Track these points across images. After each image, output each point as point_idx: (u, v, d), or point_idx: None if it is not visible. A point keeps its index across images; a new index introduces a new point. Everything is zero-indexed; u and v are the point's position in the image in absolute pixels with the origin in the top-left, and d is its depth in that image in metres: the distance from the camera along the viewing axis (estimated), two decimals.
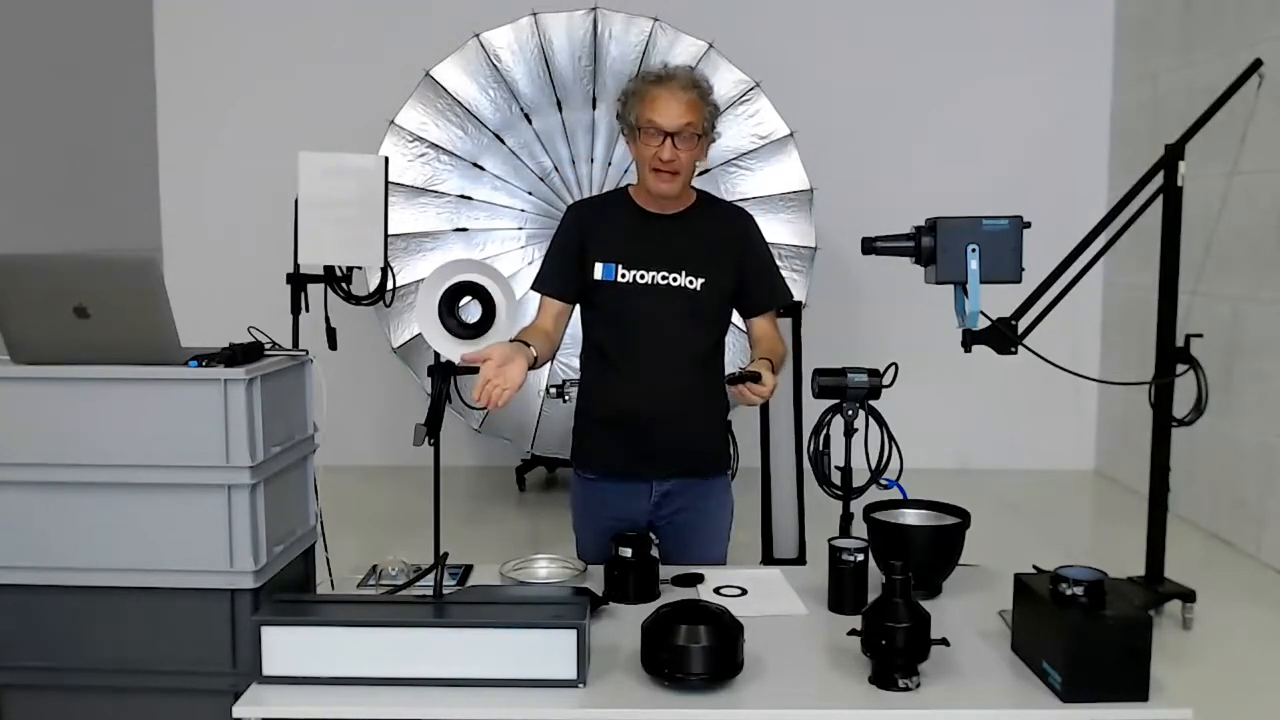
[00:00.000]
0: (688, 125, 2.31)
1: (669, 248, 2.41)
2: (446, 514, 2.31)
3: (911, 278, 2.76)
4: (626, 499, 2.50)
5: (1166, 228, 3.86)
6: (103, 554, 2.15)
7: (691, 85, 2.33)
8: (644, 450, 2.46)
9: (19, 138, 5.27)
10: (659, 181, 2.35)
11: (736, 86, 5.16)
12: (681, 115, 2.30)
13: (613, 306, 2.43)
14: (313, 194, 3.09)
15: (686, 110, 2.31)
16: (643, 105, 2.33)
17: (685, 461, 2.50)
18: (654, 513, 2.51)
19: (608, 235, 2.43)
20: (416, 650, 1.79)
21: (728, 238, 2.47)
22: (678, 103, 2.30)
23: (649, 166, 2.35)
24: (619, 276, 2.40)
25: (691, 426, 2.50)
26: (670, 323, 2.41)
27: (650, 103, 2.31)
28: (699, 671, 1.75)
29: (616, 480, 2.51)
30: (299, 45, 6.36)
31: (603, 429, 2.51)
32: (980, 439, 6.46)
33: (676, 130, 2.30)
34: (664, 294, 2.40)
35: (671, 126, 2.30)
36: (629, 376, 2.45)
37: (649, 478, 2.49)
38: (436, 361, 2.30)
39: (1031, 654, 1.86)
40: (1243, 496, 4.87)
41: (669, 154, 2.31)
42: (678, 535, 2.52)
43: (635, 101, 2.35)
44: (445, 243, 5.17)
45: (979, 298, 2.51)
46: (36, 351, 2.16)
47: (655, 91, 2.32)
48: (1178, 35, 5.58)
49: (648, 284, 2.40)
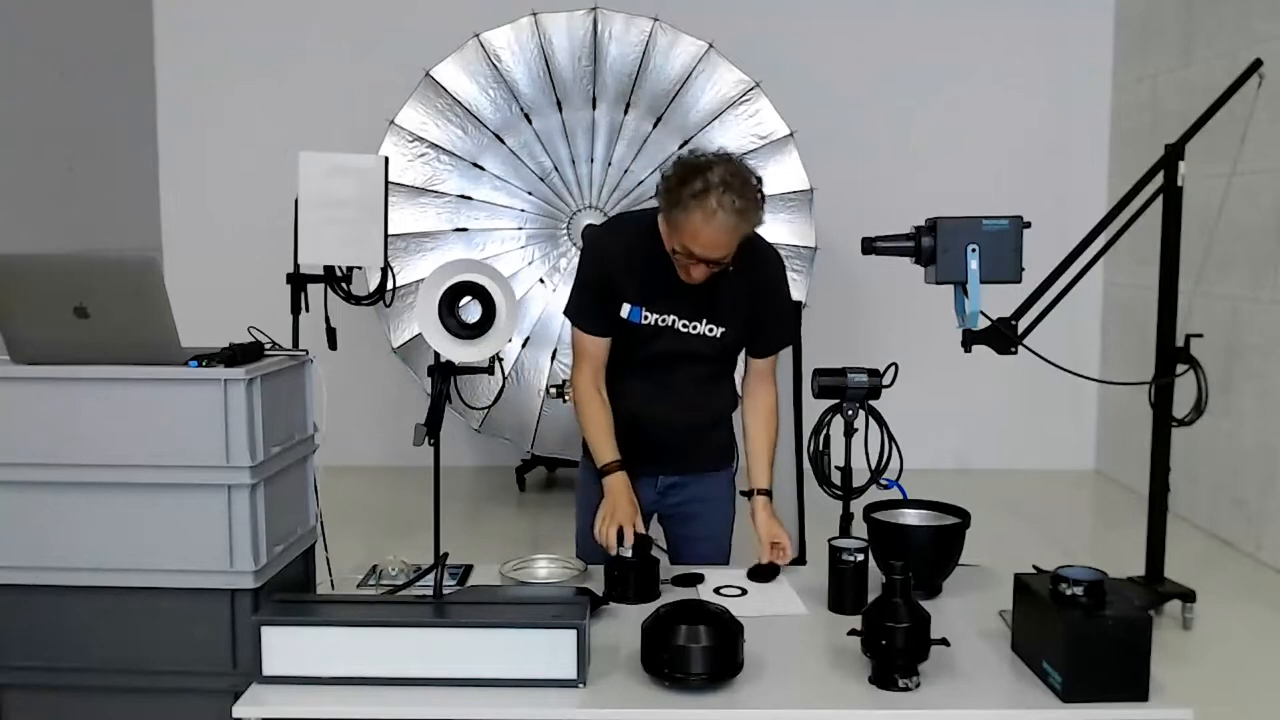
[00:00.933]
0: (723, 257, 2.25)
1: (694, 297, 2.40)
2: (446, 514, 2.31)
3: (911, 278, 2.76)
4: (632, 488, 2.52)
5: (1166, 228, 3.86)
6: (103, 554, 2.15)
7: (737, 213, 2.16)
8: (651, 452, 2.53)
9: (19, 138, 5.27)
10: (684, 275, 2.33)
11: (736, 86, 5.15)
12: (727, 245, 2.22)
13: (632, 340, 2.47)
14: (313, 194, 3.09)
15: (732, 240, 2.21)
16: (684, 236, 2.21)
17: (690, 458, 2.56)
18: (660, 502, 2.58)
19: (634, 277, 2.41)
20: (416, 650, 1.79)
21: (752, 288, 2.45)
22: (725, 233, 2.18)
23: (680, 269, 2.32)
24: (643, 319, 2.44)
25: (700, 431, 2.57)
26: (686, 359, 2.47)
27: (693, 237, 2.19)
28: (699, 671, 1.76)
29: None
30: (299, 45, 6.36)
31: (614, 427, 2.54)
32: (980, 439, 6.46)
33: (719, 259, 2.25)
34: (684, 338, 2.45)
35: (715, 256, 2.23)
36: (641, 392, 2.51)
37: (653, 473, 2.56)
38: (436, 361, 2.30)
39: (1031, 654, 1.86)
40: (1243, 496, 4.87)
41: (701, 274, 2.29)
42: (684, 524, 2.60)
43: (678, 214, 2.19)
44: (445, 243, 5.17)
45: (979, 298, 2.51)
46: (36, 351, 2.16)
47: (699, 226, 2.17)
48: (1178, 35, 5.58)
49: (668, 326, 2.44)
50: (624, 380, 2.52)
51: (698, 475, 2.59)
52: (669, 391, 2.50)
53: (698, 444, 2.56)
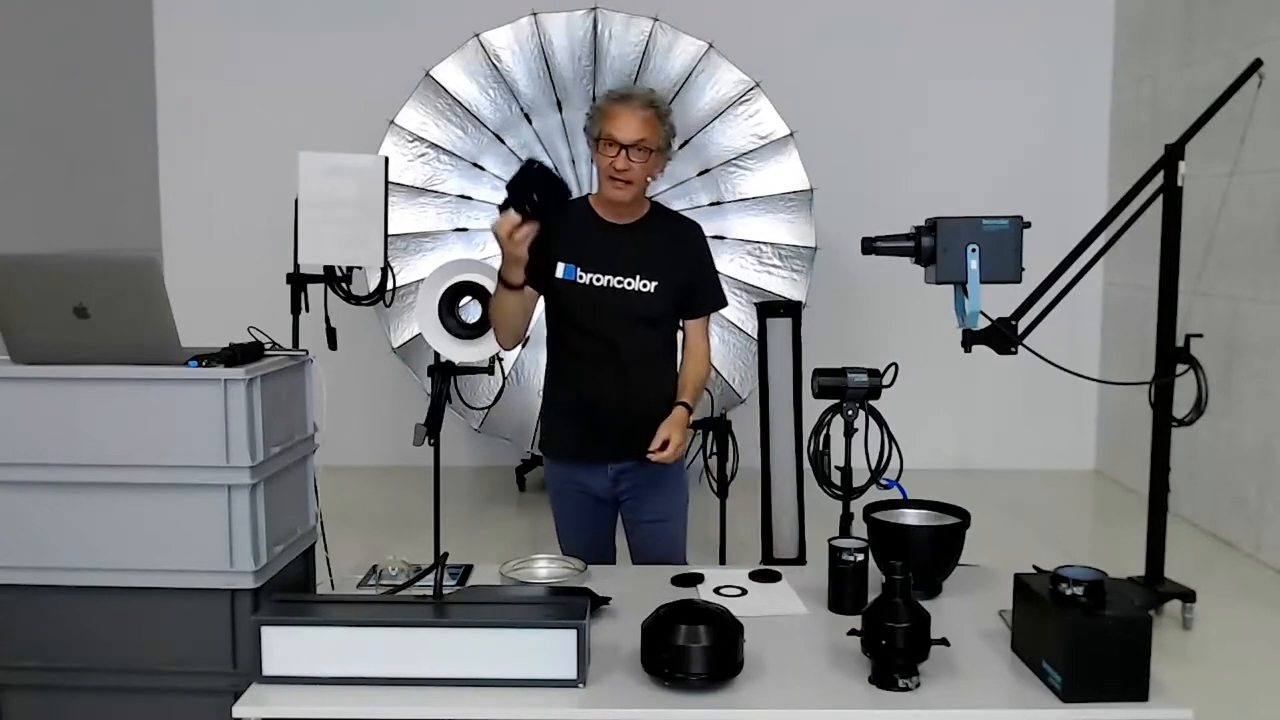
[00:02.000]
0: (642, 140, 2.49)
1: (624, 254, 2.58)
2: (446, 514, 2.31)
3: (911, 278, 2.77)
4: (589, 478, 2.67)
5: (1166, 228, 3.86)
6: (103, 554, 2.15)
7: (649, 104, 2.53)
8: (598, 436, 2.62)
9: (19, 138, 5.27)
10: (613, 189, 2.52)
11: (736, 86, 5.15)
12: (637, 131, 2.48)
13: (572, 305, 2.59)
14: (313, 194, 3.09)
15: (642, 127, 2.49)
16: (603, 120, 2.52)
17: (637, 444, 2.59)
18: (614, 488, 2.68)
19: (569, 238, 2.57)
20: (416, 650, 1.79)
21: (678, 246, 2.65)
22: (635, 119, 2.49)
23: (606, 175, 2.52)
24: (578, 277, 2.56)
25: (642, 415, 2.60)
26: (624, 321, 2.58)
27: (610, 119, 2.51)
28: (699, 671, 1.76)
29: (577, 463, 2.68)
30: (299, 45, 6.36)
31: (563, 416, 2.69)
32: (980, 439, 6.46)
33: (631, 144, 2.48)
34: (619, 295, 2.57)
35: (627, 140, 2.48)
36: (586, 369, 2.62)
37: (603, 461, 2.65)
38: (436, 361, 2.30)
39: (1031, 654, 1.86)
40: (1243, 496, 4.87)
41: (623, 164, 2.49)
42: (637, 507, 2.70)
43: (598, 117, 2.54)
44: (445, 243, 5.17)
45: (979, 298, 2.51)
46: (36, 351, 2.16)
47: (616, 109, 2.51)
48: (1178, 35, 5.58)
49: (604, 286, 2.57)
50: (571, 363, 2.64)
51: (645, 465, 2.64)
52: (616, 370, 2.58)
53: (647, 426, 2.59)
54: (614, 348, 2.58)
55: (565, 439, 2.69)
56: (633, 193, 2.53)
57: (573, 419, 2.65)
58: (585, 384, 2.62)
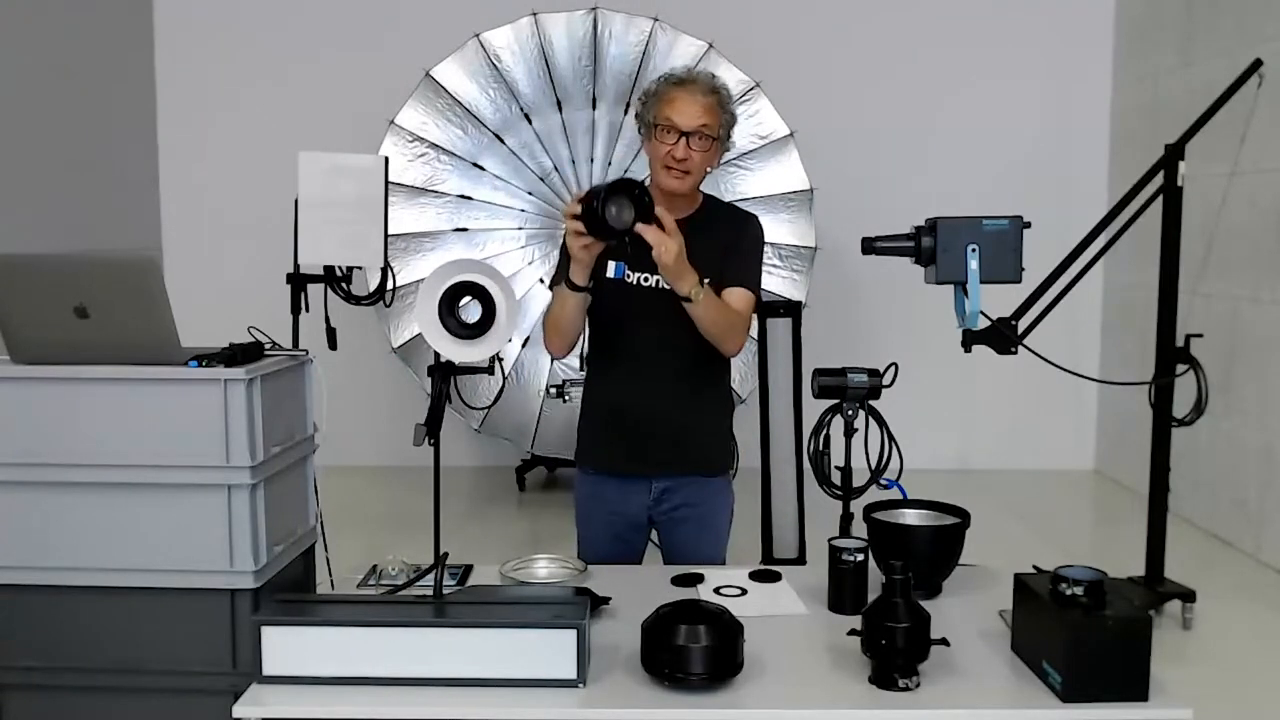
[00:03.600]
0: (703, 127, 2.36)
1: None
2: (446, 514, 2.31)
3: (911, 278, 2.76)
4: (626, 495, 2.54)
5: (1166, 228, 3.86)
6: (103, 554, 2.15)
7: (711, 90, 2.40)
8: (642, 447, 2.50)
9: (19, 138, 5.27)
10: (670, 178, 2.39)
11: (736, 86, 5.12)
12: (699, 116, 2.36)
13: (618, 306, 2.46)
14: (313, 194, 3.08)
15: (704, 112, 2.36)
16: (661, 104, 2.38)
17: (682, 460, 2.52)
18: (653, 508, 2.55)
19: None
20: (416, 650, 1.79)
21: (725, 240, 2.47)
22: (696, 104, 2.36)
23: (662, 164, 2.39)
24: (626, 276, 2.44)
25: (690, 426, 2.52)
26: (672, 324, 2.40)
27: (670, 102, 2.37)
28: (699, 671, 1.75)
29: (616, 476, 2.55)
30: (299, 45, 6.36)
31: (604, 426, 2.56)
32: (980, 439, 6.46)
33: (692, 130, 2.35)
34: (668, 297, 2.37)
35: (688, 126, 2.35)
36: (630, 375, 2.49)
37: (647, 475, 2.53)
38: (436, 361, 2.30)
39: (1031, 654, 1.86)
40: (1243, 496, 4.87)
41: (682, 153, 2.35)
42: (676, 530, 2.56)
43: (655, 101, 2.40)
44: (445, 243, 5.17)
45: (979, 298, 2.51)
46: (36, 351, 2.16)
47: (675, 92, 2.38)
48: (1178, 35, 5.58)
49: (652, 287, 2.43)
50: (615, 368, 2.51)
51: (691, 477, 2.54)
52: (663, 376, 2.47)
53: (689, 440, 2.52)
54: (657, 351, 2.45)
55: (606, 449, 2.54)
56: (690, 184, 2.40)
57: (612, 429, 2.51)
58: (625, 391, 2.49)
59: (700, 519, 2.56)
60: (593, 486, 2.58)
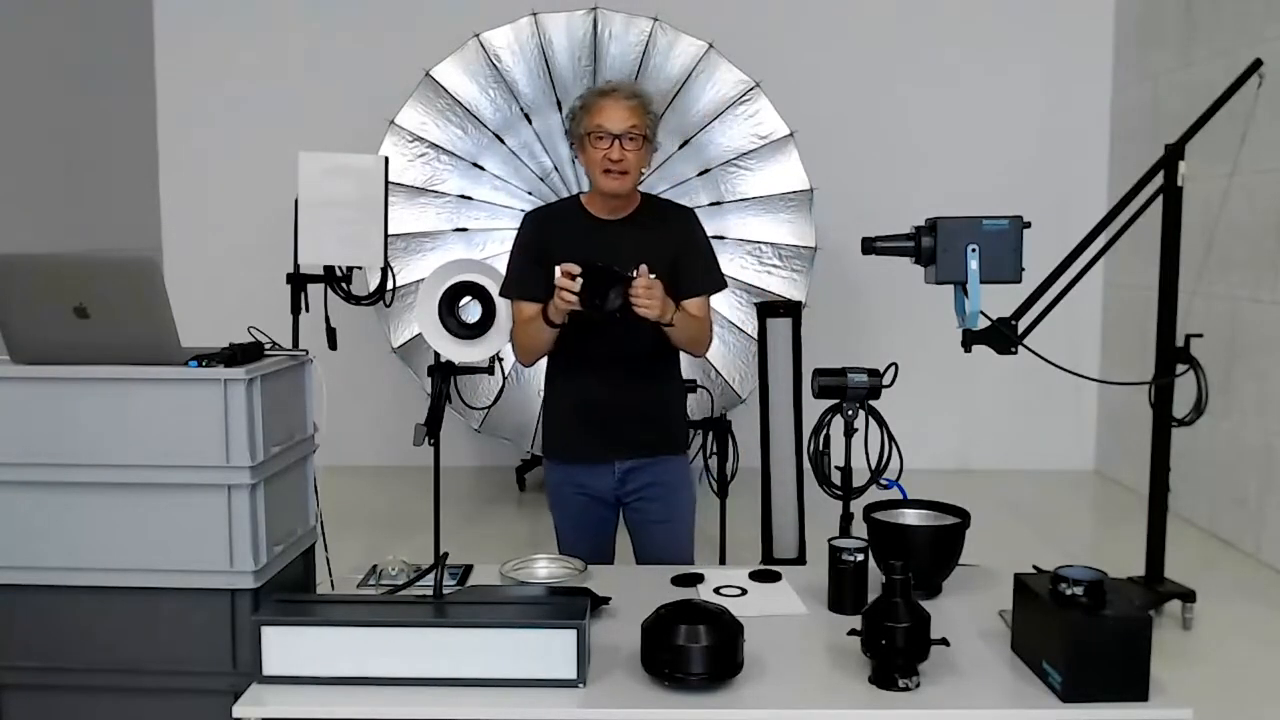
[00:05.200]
0: (632, 128, 2.50)
1: (621, 249, 2.53)
2: (446, 514, 2.31)
3: (911, 278, 2.77)
4: (592, 479, 2.66)
5: (1166, 228, 3.86)
6: (103, 554, 2.15)
7: (633, 95, 2.55)
8: (604, 434, 2.62)
9: (19, 138, 5.27)
10: (609, 181, 2.51)
11: (736, 86, 5.15)
12: (626, 119, 2.50)
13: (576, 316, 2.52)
14: (313, 194, 3.09)
15: (630, 115, 2.51)
16: (590, 115, 2.53)
17: (643, 441, 2.63)
18: (619, 489, 2.66)
19: (566, 241, 2.56)
20: (416, 650, 1.79)
21: (668, 233, 2.62)
22: (621, 109, 2.51)
23: (600, 169, 2.52)
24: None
25: (648, 410, 2.65)
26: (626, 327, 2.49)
27: (598, 111, 2.52)
28: (699, 671, 1.75)
29: (582, 463, 2.66)
30: (299, 45, 6.36)
31: (567, 417, 2.68)
32: (980, 439, 6.46)
33: (622, 132, 2.49)
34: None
35: (618, 129, 2.49)
36: (589, 368, 2.61)
37: (610, 459, 2.64)
38: (436, 361, 2.30)
39: (1031, 654, 1.86)
40: (1243, 496, 4.87)
41: (617, 154, 2.49)
42: (643, 508, 2.67)
43: (583, 114, 2.55)
44: (445, 243, 5.17)
45: (979, 298, 2.51)
46: (36, 351, 2.16)
47: (601, 102, 2.53)
48: (1178, 35, 5.58)
49: None
50: (573, 362, 2.63)
51: (653, 458, 2.65)
52: (618, 366, 2.58)
53: (650, 423, 2.63)
54: (616, 344, 2.56)
55: (568, 439, 2.67)
56: (628, 183, 2.52)
57: (576, 418, 2.64)
58: (588, 382, 2.61)
59: (665, 497, 2.67)
60: (562, 474, 2.70)
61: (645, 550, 2.70)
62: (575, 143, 2.59)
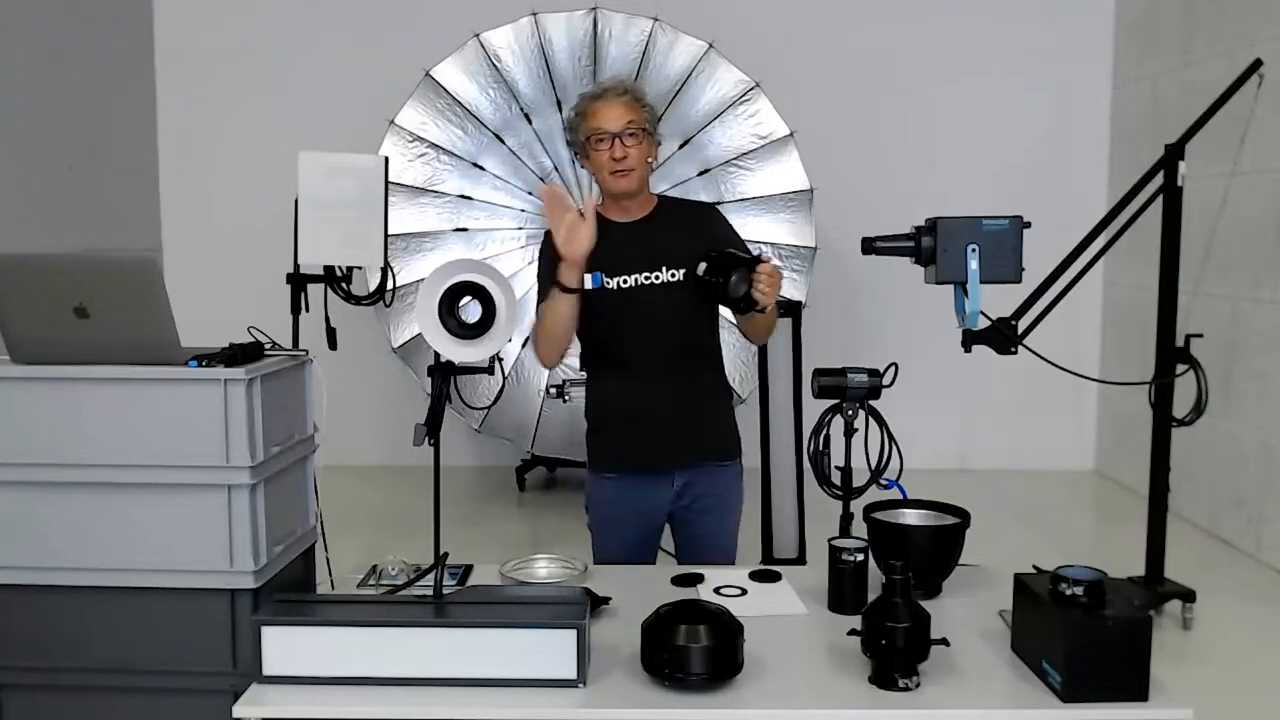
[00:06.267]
0: (629, 123, 2.48)
1: (642, 250, 2.53)
2: (446, 514, 2.31)
3: (911, 278, 2.76)
4: (649, 492, 2.59)
5: (1166, 228, 3.86)
6: (103, 554, 2.15)
7: (624, 92, 2.54)
8: (660, 442, 2.56)
9: (19, 137, 5.27)
10: (618, 180, 2.50)
11: (736, 86, 5.16)
12: (622, 116, 2.48)
13: (605, 311, 2.52)
14: (313, 194, 3.08)
15: (625, 111, 2.49)
16: (586, 120, 2.52)
17: (701, 448, 2.59)
18: (675, 503, 2.61)
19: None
20: (416, 650, 1.79)
21: (693, 229, 2.58)
22: (616, 107, 2.50)
23: (606, 171, 2.51)
24: (605, 283, 2.52)
25: (702, 414, 2.61)
26: (662, 315, 2.52)
27: (593, 115, 2.51)
28: (699, 671, 1.75)
29: (638, 475, 2.59)
30: (299, 45, 6.36)
31: (618, 428, 2.61)
32: (980, 439, 6.46)
33: (620, 129, 2.47)
34: (650, 291, 2.52)
35: (615, 127, 2.47)
36: (635, 374, 2.55)
37: (669, 468, 2.58)
38: (436, 361, 2.30)
39: (1031, 654, 1.86)
40: (1243, 496, 4.87)
41: (620, 151, 2.48)
42: (697, 522, 2.63)
43: (580, 121, 2.53)
44: (445, 243, 5.17)
45: (979, 298, 2.51)
46: (36, 351, 2.16)
47: (594, 105, 2.52)
48: (1178, 35, 5.58)
49: (632, 286, 2.52)
50: (618, 372, 2.57)
51: (707, 466, 2.60)
52: (666, 368, 2.53)
53: (702, 429, 2.59)
54: (658, 346, 2.52)
55: (625, 452, 2.59)
56: (636, 180, 2.50)
57: (627, 429, 2.58)
58: (634, 390, 2.55)
59: (719, 509, 2.64)
60: (615, 490, 2.61)
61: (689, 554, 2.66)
62: (579, 151, 2.57)
